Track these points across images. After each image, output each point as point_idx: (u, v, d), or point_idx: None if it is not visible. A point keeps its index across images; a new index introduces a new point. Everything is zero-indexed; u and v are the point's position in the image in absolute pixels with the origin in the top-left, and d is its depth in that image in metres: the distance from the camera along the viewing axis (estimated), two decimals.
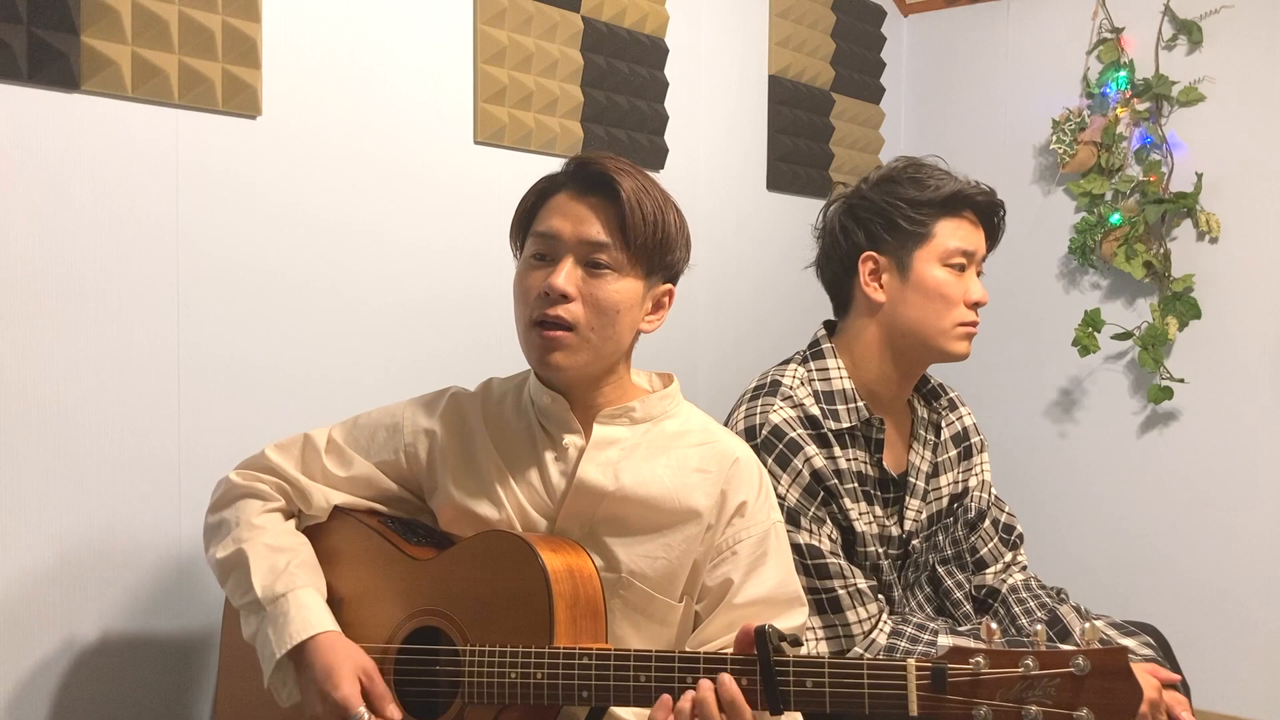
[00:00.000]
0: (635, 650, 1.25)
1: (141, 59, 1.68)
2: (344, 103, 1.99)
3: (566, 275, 1.34)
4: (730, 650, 1.23)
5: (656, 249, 1.37)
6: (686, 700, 1.19)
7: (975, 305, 1.70)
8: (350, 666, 1.30)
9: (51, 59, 1.59)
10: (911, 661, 1.12)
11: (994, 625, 1.11)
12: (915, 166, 1.73)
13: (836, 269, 1.77)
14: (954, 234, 1.69)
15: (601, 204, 1.36)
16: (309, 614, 1.34)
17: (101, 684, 1.70)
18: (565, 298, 1.34)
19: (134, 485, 1.72)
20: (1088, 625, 1.09)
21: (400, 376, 2.08)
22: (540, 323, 1.36)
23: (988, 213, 1.74)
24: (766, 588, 1.39)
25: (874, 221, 1.71)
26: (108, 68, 1.65)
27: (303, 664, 1.32)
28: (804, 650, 1.21)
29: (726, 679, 1.18)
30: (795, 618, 1.41)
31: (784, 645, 1.18)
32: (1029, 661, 1.07)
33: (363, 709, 1.27)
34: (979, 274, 1.73)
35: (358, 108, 2.01)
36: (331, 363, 1.98)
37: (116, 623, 1.72)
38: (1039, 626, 1.11)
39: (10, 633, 1.60)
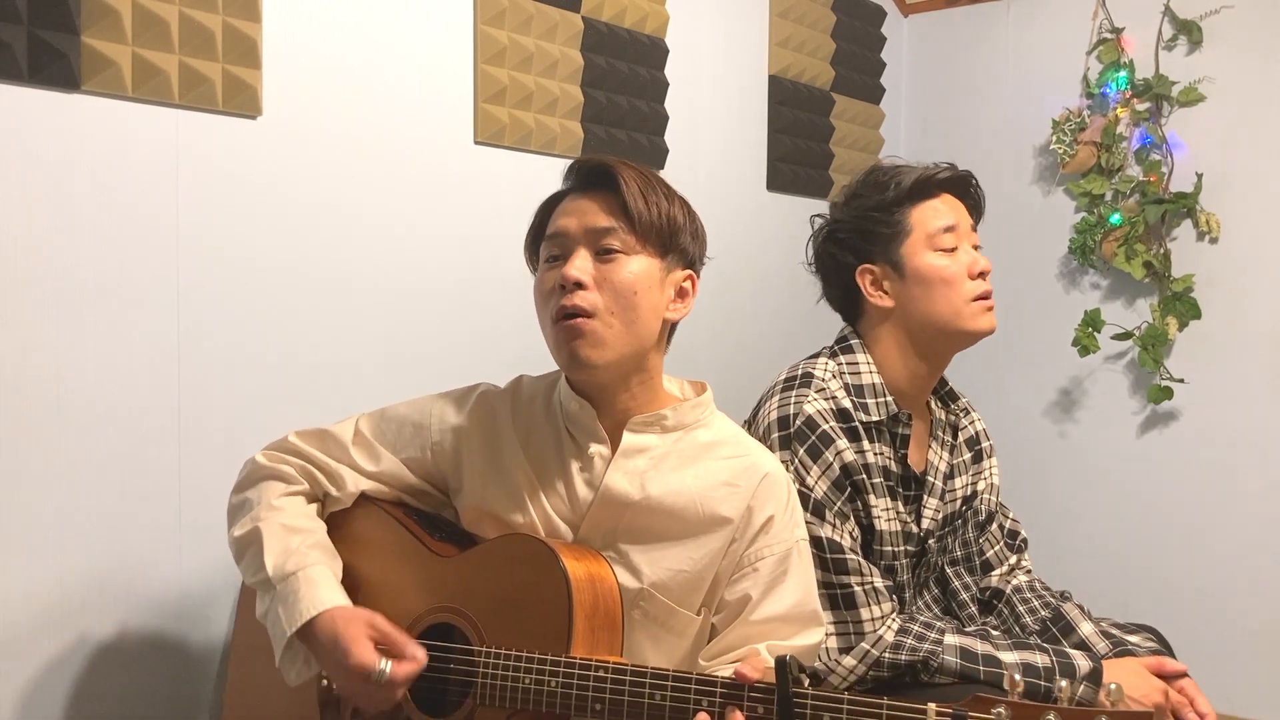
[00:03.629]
0: (652, 668, 1.23)
1: (142, 59, 1.67)
2: (344, 103, 1.98)
3: (579, 265, 1.34)
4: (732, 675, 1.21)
5: (665, 228, 1.38)
6: None
7: (981, 275, 1.70)
8: (355, 628, 1.28)
9: (52, 59, 1.57)
10: (932, 706, 1.10)
11: (1017, 676, 1.09)
12: (873, 172, 1.76)
13: (840, 293, 1.79)
14: (930, 217, 1.70)
15: (603, 195, 1.37)
16: (318, 590, 1.32)
17: (101, 683, 1.69)
18: (580, 285, 1.33)
19: (134, 485, 1.71)
20: (1113, 686, 1.06)
21: (400, 376, 2.07)
22: (559, 318, 1.35)
23: (958, 186, 1.75)
24: (784, 606, 1.38)
25: (854, 238, 1.74)
26: (108, 68, 1.63)
27: (313, 641, 1.31)
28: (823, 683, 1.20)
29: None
30: (811, 636, 1.40)
31: (803, 678, 1.16)
32: (1051, 717, 1.04)
33: (383, 664, 1.25)
34: (976, 246, 1.73)
35: (358, 108, 2.00)
36: (331, 363, 1.97)
37: (116, 623, 1.71)
38: (1064, 682, 1.08)
39: (11, 632, 1.59)
